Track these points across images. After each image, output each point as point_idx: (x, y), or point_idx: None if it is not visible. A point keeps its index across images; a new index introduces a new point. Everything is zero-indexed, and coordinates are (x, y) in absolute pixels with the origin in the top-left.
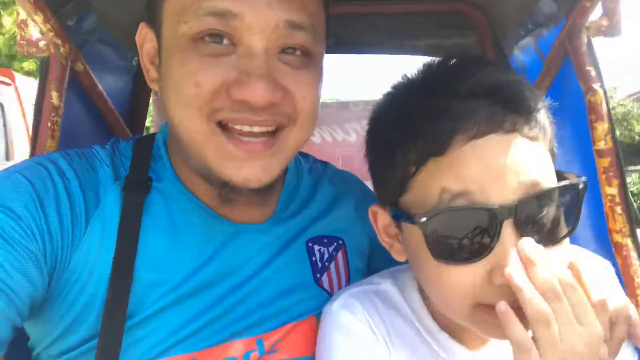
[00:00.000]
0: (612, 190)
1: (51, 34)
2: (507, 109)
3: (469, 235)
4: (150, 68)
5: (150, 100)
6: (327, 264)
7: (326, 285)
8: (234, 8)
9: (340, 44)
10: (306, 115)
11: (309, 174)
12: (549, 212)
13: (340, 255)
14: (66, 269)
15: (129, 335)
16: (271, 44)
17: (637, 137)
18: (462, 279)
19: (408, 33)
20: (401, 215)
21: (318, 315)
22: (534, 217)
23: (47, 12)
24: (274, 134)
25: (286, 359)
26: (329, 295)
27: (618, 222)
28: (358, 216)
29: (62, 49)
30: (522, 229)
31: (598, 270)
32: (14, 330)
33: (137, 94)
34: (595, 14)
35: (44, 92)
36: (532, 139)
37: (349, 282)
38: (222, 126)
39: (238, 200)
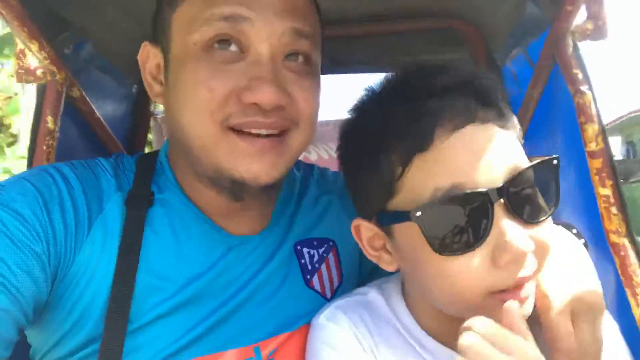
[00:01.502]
0: (606, 191)
1: (47, 61)
2: (479, 101)
3: (465, 223)
4: (154, 84)
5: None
6: (317, 265)
7: (317, 286)
8: (244, 13)
9: (336, 65)
10: (308, 118)
11: (302, 182)
12: (533, 190)
13: (331, 256)
14: (68, 272)
15: (129, 342)
16: (277, 51)
17: None
18: (469, 267)
19: (403, 50)
20: (393, 218)
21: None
22: (521, 196)
23: (42, 40)
24: (279, 136)
25: None
26: (321, 296)
27: (614, 222)
28: (348, 215)
29: (57, 76)
30: (512, 208)
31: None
32: (18, 333)
33: (137, 121)
34: (581, 18)
35: (40, 117)
36: (504, 128)
37: (341, 282)
38: (234, 130)
39: (238, 211)
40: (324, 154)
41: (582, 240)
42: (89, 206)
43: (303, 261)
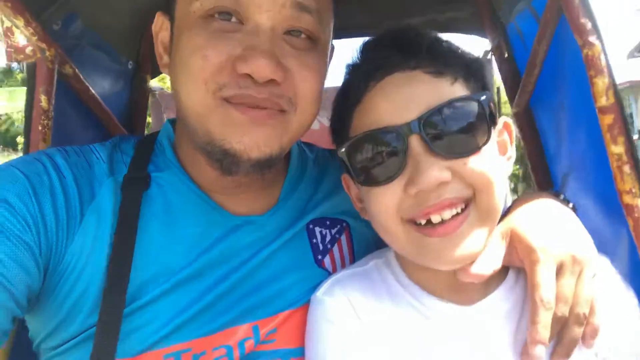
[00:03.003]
0: (619, 148)
1: (34, 37)
2: (406, 52)
3: (383, 157)
4: (164, 55)
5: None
6: (329, 245)
7: (328, 266)
8: None
9: (338, 29)
10: (307, 100)
11: (315, 164)
12: (455, 125)
13: (344, 237)
14: (61, 261)
15: (125, 324)
16: (277, 23)
17: None
18: (387, 198)
19: (404, 11)
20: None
21: None
22: (440, 131)
23: (27, 15)
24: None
25: (282, 349)
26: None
27: (627, 182)
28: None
29: (47, 53)
30: (429, 142)
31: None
32: (14, 321)
33: (135, 97)
34: None
35: (32, 97)
36: (433, 73)
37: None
38: (227, 102)
39: (240, 188)
40: (327, 123)
41: (570, 205)
42: (80, 194)
43: (315, 241)
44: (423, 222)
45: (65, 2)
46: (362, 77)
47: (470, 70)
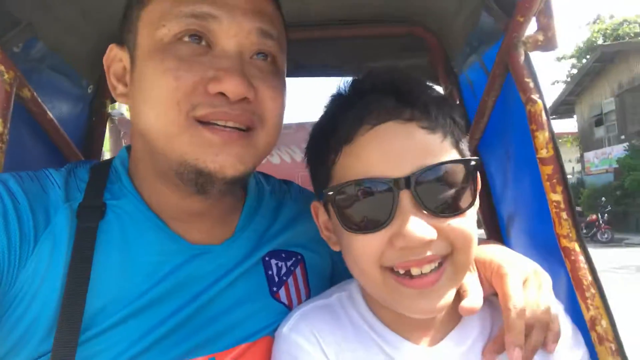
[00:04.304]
0: (557, 196)
1: None
2: (403, 101)
3: (371, 207)
4: (118, 85)
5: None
6: (284, 277)
7: (284, 298)
8: (213, 12)
9: (300, 68)
10: (273, 119)
11: (272, 195)
12: (445, 186)
13: (299, 270)
14: (12, 287)
15: (79, 352)
16: (245, 48)
17: None
18: (369, 246)
19: (366, 55)
20: (323, 199)
21: (273, 333)
22: (430, 190)
23: None
24: (244, 131)
25: None
26: (287, 308)
27: (564, 227)
28: (317, 231)
29: (6, 76)
30: (420, 199)
31: (532, 275)
32: None
33: (93, 122)
34: (533, 29)
35: None
36: (427, 129)
37: (309, 297)
38: (200, 122)
39: (200, 216)
40: (287, 157)
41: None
42: (35, 221)
43: (270, 272)
44: (402, 272)
45: (28, 26)
46: (354, 118)
47: (456, 126)
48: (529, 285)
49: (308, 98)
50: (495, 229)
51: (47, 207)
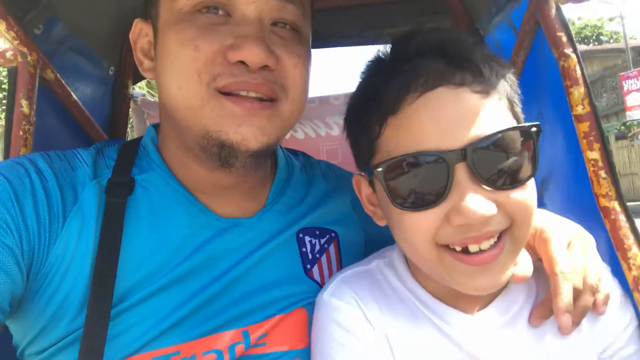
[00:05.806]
0: (595, 154)
1: (16, 42)
2: (453, 64)
3: (424, 182)
4: (144, 60)
5: (130, 110)
6: (318, 255)
7: (317, 276)
8: None
9: (321, 39)
10: (297, 88)
11: (302, 171)
12: (503, 156)
13: (332, 248)
14: (44, 264)
15: (111, 327)
16: (264, 14)
17: None
18: (423, 223)
19: (386, 22)
20: (371, 174)
21: (307, 306)
22: (487, 161)
23: (10, 19)
24: (268, 101)
25: (274, 352)
26: (320, 286)
27: (603, 186)
28: (354, 210)
29: (29, 58)
30: (478, 172)
31: (576, 238)
32: None
33: (116, 103)
34: None
35: (13, 102)
36: (481, 93)
37: None
38: (222, 93)
39: (229, 189)
40: (311, 132)
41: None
42: (63, 198)
43: (304, 249)
44: (458, 248)
45: (48, 5)
46: (400, 85)
47: (509, 86)
48: (573, 247)
49: (328, 71)
50: None
51: (75, 185)
